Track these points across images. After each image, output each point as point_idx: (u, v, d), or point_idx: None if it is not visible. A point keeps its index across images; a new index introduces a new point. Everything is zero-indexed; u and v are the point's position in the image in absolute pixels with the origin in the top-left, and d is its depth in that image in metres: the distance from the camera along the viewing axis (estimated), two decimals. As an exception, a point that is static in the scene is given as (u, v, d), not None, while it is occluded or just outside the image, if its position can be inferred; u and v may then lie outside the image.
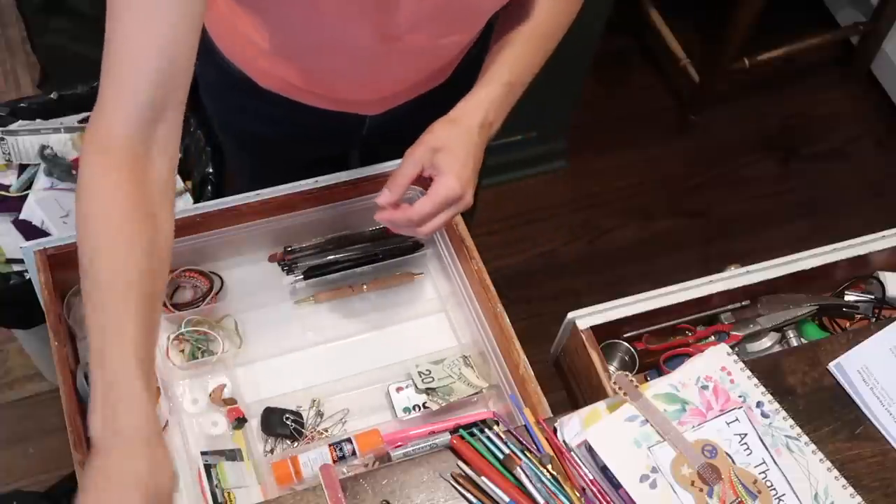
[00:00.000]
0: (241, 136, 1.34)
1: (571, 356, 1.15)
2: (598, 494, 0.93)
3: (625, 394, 0.96)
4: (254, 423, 1.12)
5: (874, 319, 1.23)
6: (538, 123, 2.24)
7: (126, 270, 0.80)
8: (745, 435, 0.96)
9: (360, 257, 1.24)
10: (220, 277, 1.23)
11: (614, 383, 0.98)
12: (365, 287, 1.24)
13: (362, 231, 1.27)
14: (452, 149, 0.98)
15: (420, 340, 1.21)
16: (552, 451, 0.96)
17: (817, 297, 1.24)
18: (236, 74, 1.17)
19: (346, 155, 1.50)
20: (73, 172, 1.61)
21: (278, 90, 1.17)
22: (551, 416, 1.04)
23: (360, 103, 1.18)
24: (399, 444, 1.08)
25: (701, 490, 0.92)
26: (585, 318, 1.11)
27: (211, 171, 1.60)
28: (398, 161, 1.24)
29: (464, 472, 0.96)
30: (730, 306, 1.22)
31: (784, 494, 0.93)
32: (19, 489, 1.78)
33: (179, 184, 1.65)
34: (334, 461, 1.06)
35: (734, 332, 1.21)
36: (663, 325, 1.20)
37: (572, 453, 0.96)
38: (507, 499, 0.92)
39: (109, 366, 0.77)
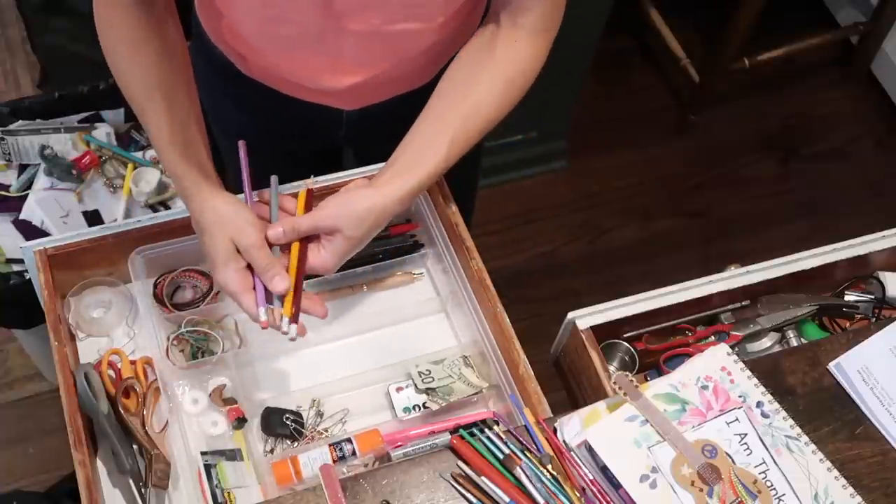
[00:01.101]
0: (228, 125, 1.35)
1: (571, 356, 1.15)
2: (598, 494, 0.93)
3: (625, 394, 0.96)
4: (254, 423, 1.12)
5: (874, 319, 1.23)
6: (538, 123, 2.24)
7: (144, 81, 1.00)
8: (745, 435, 0.96)
9: (360, 257, 1.24)
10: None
11: (614, 383, 0.98)
12: (365, 287, 1.25)
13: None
14: (356, 238, 0.98)
15: (420, 340, 1.21)
16: (552, 451, 0.96)
17: (817, 297, 1.24)
18: (221, 60, 1.19)
19: (339, 153, 1.49)
20: (73, 172, 1.61)
21: (257, 76, 1.18)
22: (551, 416, 1.04)
23: (334, 94, 1.17)
24: (399, 444, 1.08)
25: (701, 490, 0.92)
26: (585, 318, 1.11)
27: (211, 171, 1.60)
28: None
29: (464, 472, 0.96)
30: (730, 306, 1.22)
31: (784, 494, 0.93)
32: (19, 489, 1.78)
33: (179, 184, 1.65)
34: (334, 461, 1.06)
35: (734, 332, 1.21)
36: (663, 325, 1.20)
37: (572, 453, 0.96)
38: (507, 499, 0.92)
39: (162, 158, 1.01)
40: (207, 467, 1.06)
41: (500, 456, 0.95)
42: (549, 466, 0.94)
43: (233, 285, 0.97)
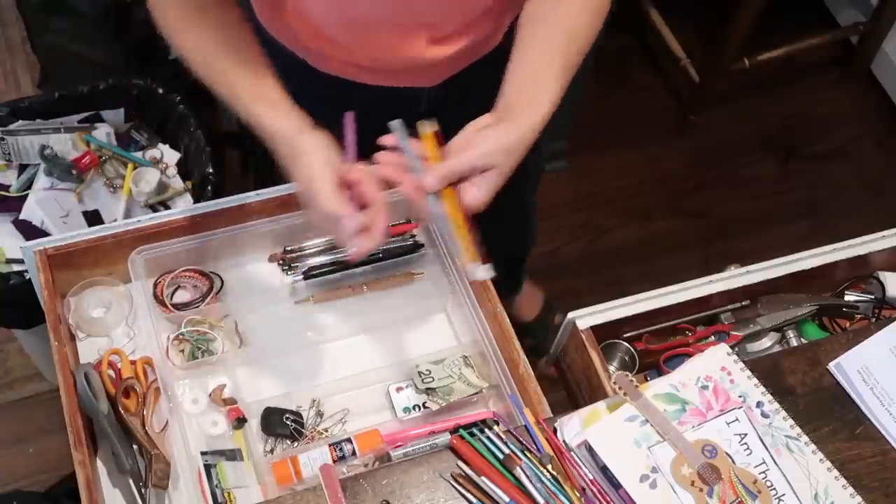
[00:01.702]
0: None
1: (571, 356, 1.15)
2: (598, 494, 0.93)
3: (625, 394, 0.96)
4: (254, 423, 1.12)
5: (874, 319, 1.23)
6: (538, 123, 2.23)
7: (213, 51, 1.01)
8: (745, 435, 0.96)
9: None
10: (220, 277, 1.23)
11: (614, 383, 0.98)
12: (365, 287, 1.24)
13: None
14: (506, 172, 0.98)
15: (420, 340, 1.21)
16: (552, 451, 0.96)
17: (817, 297, 1.24)
18: (289, 58, 1.18)
19: None
20: (73, 172, 1.61)
21: (330, 70, 1.18)
22: (551, 416, 1.04)
23: (412, 72, 1.17)
24: (399, 444, 1.08)
25: (701, 490, 0.92)
26: (585, 318, 1.11)
27: (211, 171, 1.60)
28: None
29: (464, 472, 0.96)
30: (730, 306, 1.22)
31: (784, 494, 0.93)
32: (19, 489, 1.78)
33: (179, 183, 1.65)
34: (334, 461, 1.06)
35: (734, 332, 1.21)
36: (663, 325, 1.20)
37: (572, 453, 0.96)
38: (507, 499, 0.92)
39: (240, 104, 1.01)
40: (207, 467, 1.06)
41: (500, 456, 0.95)
42: (549, 466, 0.94)
43: (336, 206, 0.93)
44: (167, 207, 1.63)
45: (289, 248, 1.25)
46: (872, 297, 1.24)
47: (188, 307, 1.19)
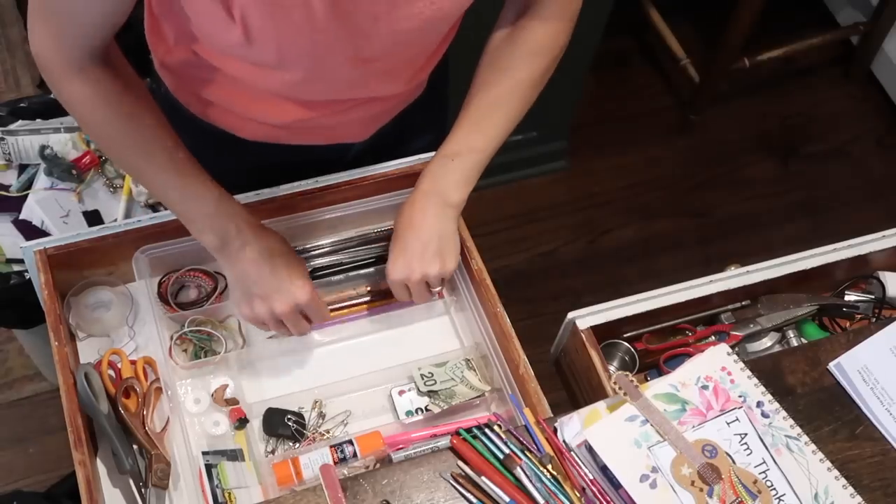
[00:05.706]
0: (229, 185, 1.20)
1: (571, 356, 1.15)
2: (598, 494, 0.93)
3: (625, 394, 0.97)
4: (255, 424, 1.12)
5: (874, 319, 1.23)
6: (538, 123, 2.24)
7: (133, 143, 1.00)
8: (745, 435, 0.96)
9: (362, 259, 1.24)
10: (225, 277, 1.23)
11: (614, 383, 0.98)
12: (367, 289, 1.24)
13: (364, 233, 1.27)
14: (399, 237, 1.10)
15: (422, 343, 1.21)
16: (552, 451, 0.96)
17: (817, 297, 1.24)
18: (213, 134, 1.16)
19: None
20: (73, 172, 1.61)
21: (262, 138, 1.16)
22: (551, 416, 1.04)
23: (347, 129, 1.18)
24: (400, 446, 1.08)
25: (701, 490, 0.92)
26: (585, 318, 1.12)
27: (211, 171, 1.60)
28: (403, 160, 1.24)
29: (464, 471, 0.96)
30: (730, 306, 1.22)
31: (784, 494, 0.93)
32: (19, 489, 1.78)
33: (180, 184, 1.65)
34: (335, 462, 1.06)
35: (734, 332, 1.21)
36: (663, 325, 1.20)
37: (572, 453, 0.96)
38: (507, 499, 0.92)
39: (173, 205, 1.06)
40: (208, 467, 1.06)
41: (500, 456, 0.95)
42: (549, 466, 0.95)
43: (315, 297, 1.09)
44: (167, 208, 1.62)
45: (289, 249, 1.25)
46: (872, 297, 1.25)
47: (192, 307, 1.19)
